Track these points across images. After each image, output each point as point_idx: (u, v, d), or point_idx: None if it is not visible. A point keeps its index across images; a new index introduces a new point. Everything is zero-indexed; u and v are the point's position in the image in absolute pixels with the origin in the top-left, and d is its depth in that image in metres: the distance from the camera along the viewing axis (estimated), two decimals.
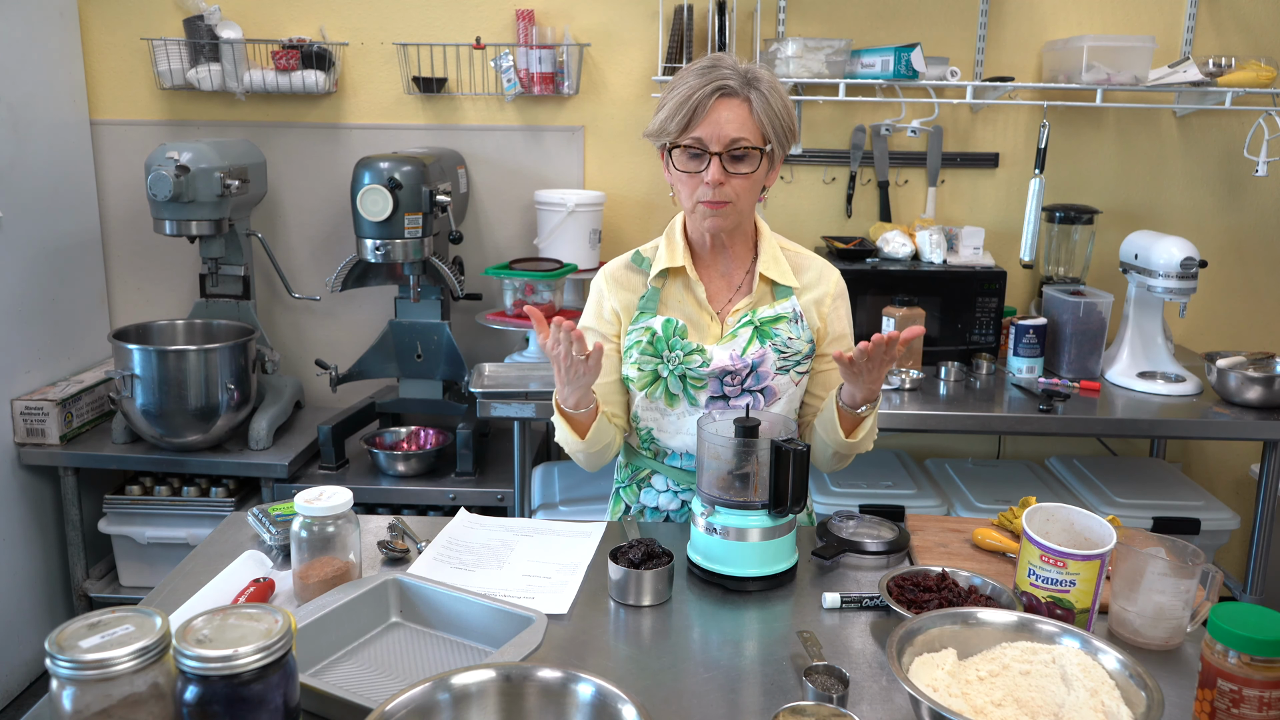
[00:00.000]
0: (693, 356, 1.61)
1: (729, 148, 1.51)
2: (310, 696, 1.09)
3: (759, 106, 1.53)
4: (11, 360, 2.71)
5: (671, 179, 1.61)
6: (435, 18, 3.01)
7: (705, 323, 1.66)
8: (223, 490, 2.78)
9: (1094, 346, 2.71)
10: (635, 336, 1.65)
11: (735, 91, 1.52)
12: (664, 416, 1.66)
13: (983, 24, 2.98)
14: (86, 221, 3.03)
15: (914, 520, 1.71)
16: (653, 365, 1.63)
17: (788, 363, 1.63)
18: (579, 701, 1.01)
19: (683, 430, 1.66)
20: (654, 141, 1.60)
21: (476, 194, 3.12)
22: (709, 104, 1.51)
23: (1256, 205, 3.11)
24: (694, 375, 1.61)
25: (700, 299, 1.66)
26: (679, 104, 1.52)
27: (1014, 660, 1.12)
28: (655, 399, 1.64)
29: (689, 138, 1.52)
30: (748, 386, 1.62)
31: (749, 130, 1.52)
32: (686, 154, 1.54)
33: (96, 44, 3.03)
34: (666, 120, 1.54)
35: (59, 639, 0.92)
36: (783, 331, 1.62)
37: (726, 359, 1.60)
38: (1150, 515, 2.62)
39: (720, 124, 1.51)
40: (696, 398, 1.63)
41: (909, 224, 3.07)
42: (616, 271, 1.71)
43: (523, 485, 2.62)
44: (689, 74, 1.54)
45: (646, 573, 1.38)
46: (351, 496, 1.37)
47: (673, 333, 1.62)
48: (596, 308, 1.72)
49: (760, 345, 1.61)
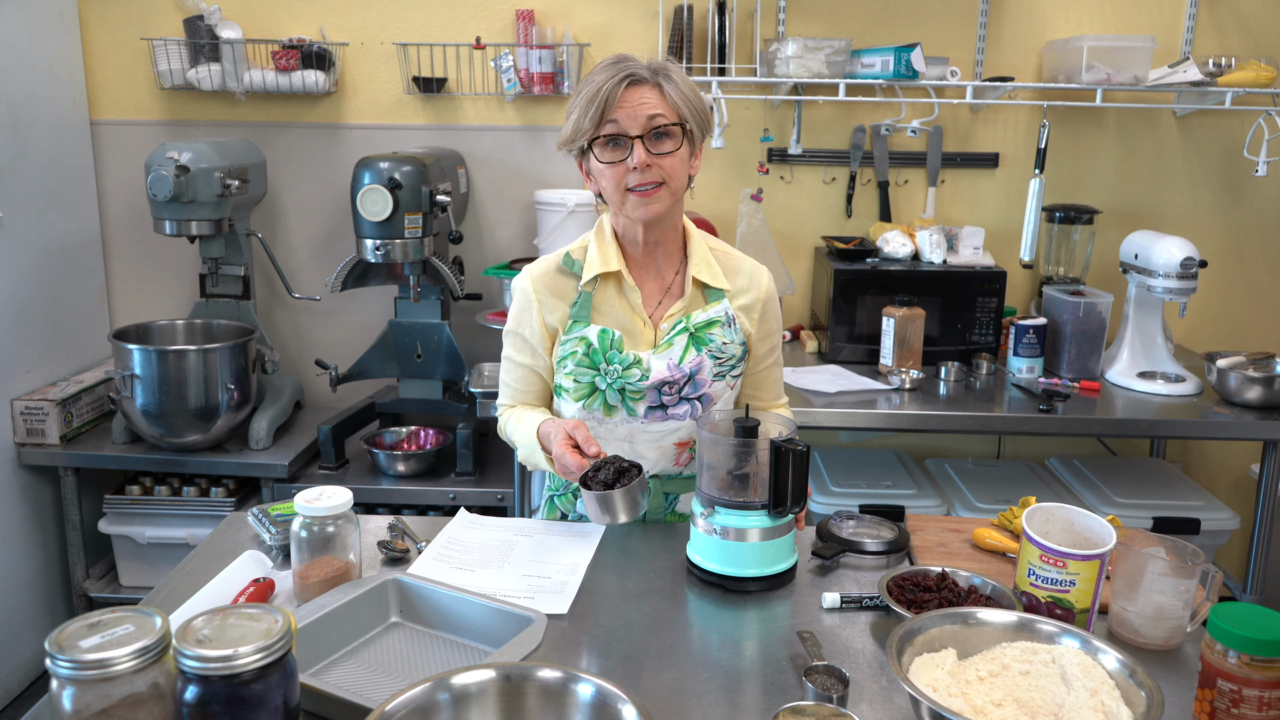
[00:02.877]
0: (631, 370, 1.58)
1: (648, 128, 1.50)
2: (310, 696, 1.09)
3: (669, 89, 1.52)
4: (11, 360, 2.71)
5: (594, 181, 1.58)
6: (435, 18, 3.01)
7: (638, 329, 1.63)
8: (223, 490, 2.78)
9: (1094, 346, 2.71)
10: (570, 347, 1.61)
11: (645, 79, 1.52)
12: (600, 425, 1.63)
13: (983, 24, 2.98)
14: (86, 221, 3.03)
15: (914, 520, 1.71)
16: (589, 377, 1.60)
17: (723, 369, 1.63)
18: (579, 701, 1.01)
19: (619, 437, 1.64)
20: (569, 147, 1.57)
21: (476, 194, 3.12)
22: (619, 92, 1.49)
23: (1256, 205, 3.11)
24: (633, 388, 1.59)
25: (635, 304, 1.63)
26: (589, 100, 1.50)
27: (1014, 660, 1.11)
28: (593, 409, 1.62)
29: (605, 127, 1.50)
30: (685, 395, 1.61)
31: (664, 109, 1.51)
32: (606, 145, 1.52)
33: (96, 44, 3.03)
34: (579, 119, 1.51)
35: (59, 639, 0.92)
36: (717, 336, 1.62)
37: (665, 370, 1.59)
38: (1150, 515, 2.62)
39: (634, 107, 1.50)
40: (635, 408, 1.61)
41: (909, 224, 3.07)
42: (546, 276, 1.65)
43: (523, 485, 2.63)
44: (594, 73, 1.53)
45: (618, 491, 1.42)
46: (351, 496, 1.37)
47: (609, 344, 1.59)
48: (523, 316, 1.65)
49: (696, 353, 1.60)
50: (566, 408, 1.66)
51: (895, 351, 2.69)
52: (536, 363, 1.67)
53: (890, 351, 2.70)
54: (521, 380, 1.71)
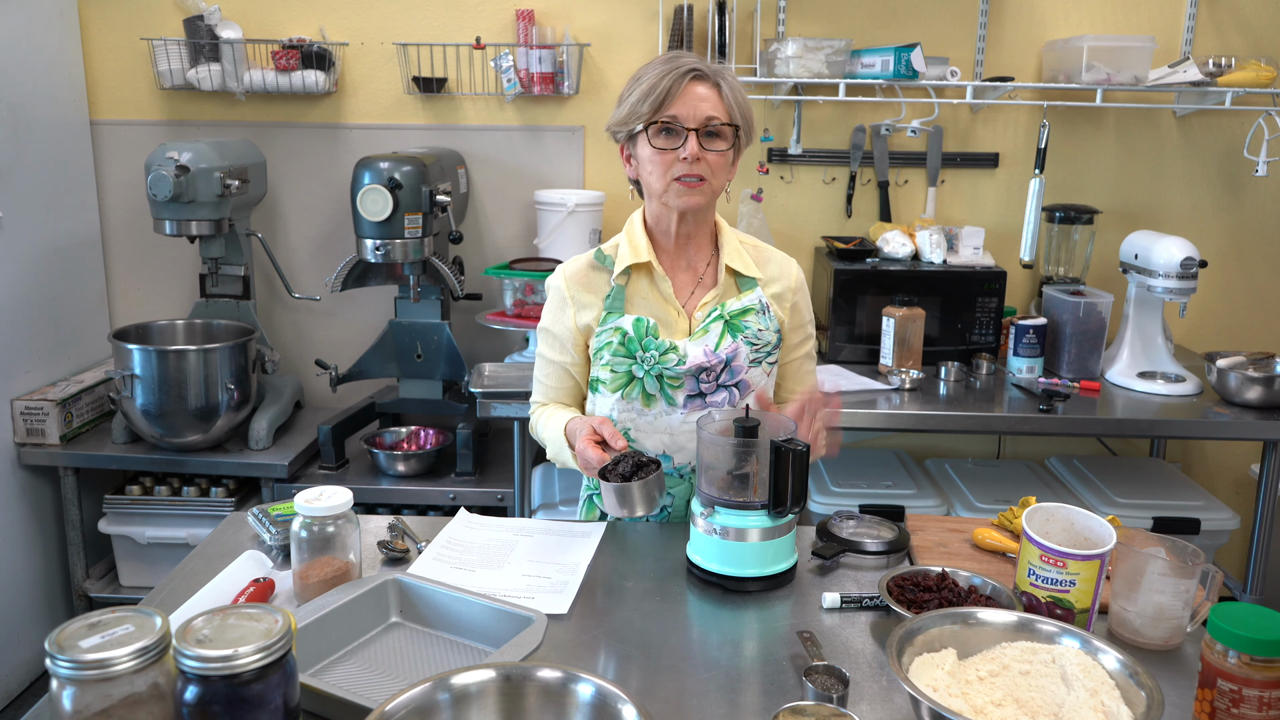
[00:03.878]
0: (668, 355, 1.60)
1: (704, 125, 1.54)
2: (310, 696, 1.09)
3: (727, 92, 1.57)
4: (11, 360, 2.71)
5: (637, 166, 1.61)
6: (435, 18, 3.01)
7: (672, 318, 1.65)
8: (223, 490, 2.78)
9: (1094, 346, 2.71)
10: (605, 338, 1.63)
11: (706, 76, 1.56)
12: (640, 417, 1.64)
13: (983, 24, 2.98)
14: (86, 221, 3.03)
15: (914, 520, 1.71)
16: (626, 366, 1.62)
17: (760, 355, 1.64)
18: (579, 701, 1.01)
19: (659, 429, 1.64)
20: (621, 130, 1.60)
21: (476, 194, 3.12)
22: (683, 84, 1.54)
23: (1256, 205, 3.11)
24: (670, 374, 1.61)
25: (667, 294, 1.66)
26: (650, 88, 1.54)
27: (1014, 660, 1.11)
28: (632, 399, 1.63)
29: (665, 115, 1.54)
30: (722, 382, 1.63)
31: (721, 110, 1.56)
32: (661, 133, 1.55)
33: (96, 44, 3.03)
34: (637, 104, 1.55)
35: (59, 639, 0.92)
36: (752, 324, 1.63)
37: (701, 355, 1.61)
38: (1150, 515, 2.62)
39: (695, 102, 1.54)
40: (674, 397, 1.62)
41: (909, 224, 3.07)
42: (579, 272, 1.68)
43: (523, 485, 2.63)
44: (654, 65, 1.57)
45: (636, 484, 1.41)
46: (351, 496, 1.37)
47: (645, 332, 1.61)
48: (556, 314, 1.68)
49: (732, 339, 1.62)
50: (603, 402, 1.67)
51: (895, 351, 2.69)
52: (566, 359, 1.70)
53: (890, 351, 2.70)
54: (552, 377, 1.73)
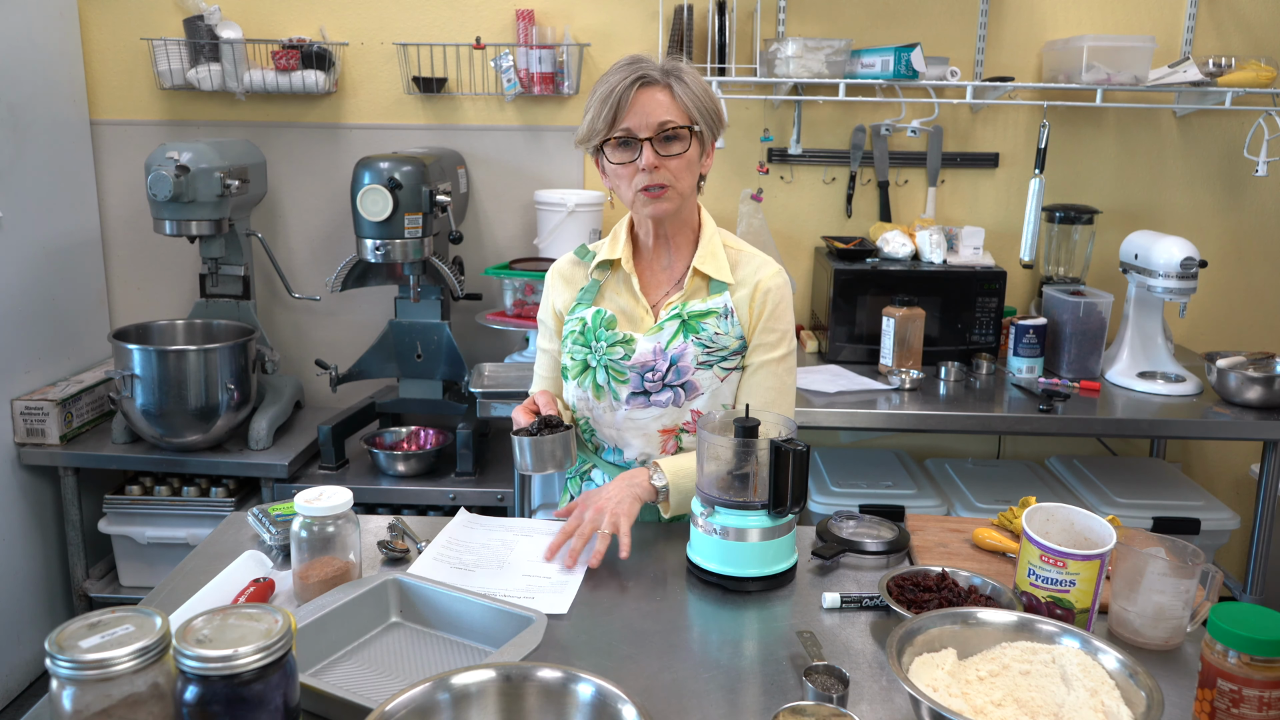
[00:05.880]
0: (616, 348, 1.64)
1: (658, 131, 1.55)
2: (310, 696, 1.09)
3: (680, 91, 1.57)
4: (11, 360, 2.71)
5: (608, 179, 1.64)
6: (435, 18, 3.01)
7: (640, 315, 1.69)
8: (223, 490, 2.78)
9: (1094, 346, 2.71)
10: (570, 326, 1.71)
11: (656, 80, 1.56)
12: (592, 410, 1.69)
13: (983, 24, 2.98)
14: (86, 221, 3.03)
15: (914, 520, 1.71)
16: (583, 355, 1.68)
17: (711, 358, 1.64)
18: (579, 701, 1.01)
19: (607, 423, 1.68)
20: (586, 146, 1.62)
21: (476, 194, 3.12)
22: (631, 94, 1.54)
23: (1256, 205, 3.11)
24: (616, 368, 1.64)
25: (635, 291, 1.69)
26: (602, 101, 1.55)
27: (1014, 660, 1.11)
28: (585, 388, 1.68)
29: (618, 130, 1.56)
30: (668, 382, 1.64)
31: (674, 113, 1.56)
32: (618, 147, 1.57)
33: (96, 44, 3.03)
34: (594, 120, 1.57)
35: (59, 639, 0.92)
36: (710, 326, 1.64)
37: (649, 353, 1.63)
38: (1150, 515, 2.62)
39: (645, 111, 1.55)
40: (619, 392, 1.65)
41: (909, 224, 3.07)
42: (564, 266, 1.77)
43: (523, 485, 2.63)
44: (609, 74, 1.58)
45: (528, 439, 1.54)
46: (351, 496, 1.37)
47: (600, 323, 1.66)
48: (545, 303, 1.79)
49: (683, 339, 1.63)
50: (568, 389, 1.73)
51: (895, 351, 2.69)
52: (554, 348, 1.78)
53: (890, 351, 2.70)
54: (544, 365, 1.81)
